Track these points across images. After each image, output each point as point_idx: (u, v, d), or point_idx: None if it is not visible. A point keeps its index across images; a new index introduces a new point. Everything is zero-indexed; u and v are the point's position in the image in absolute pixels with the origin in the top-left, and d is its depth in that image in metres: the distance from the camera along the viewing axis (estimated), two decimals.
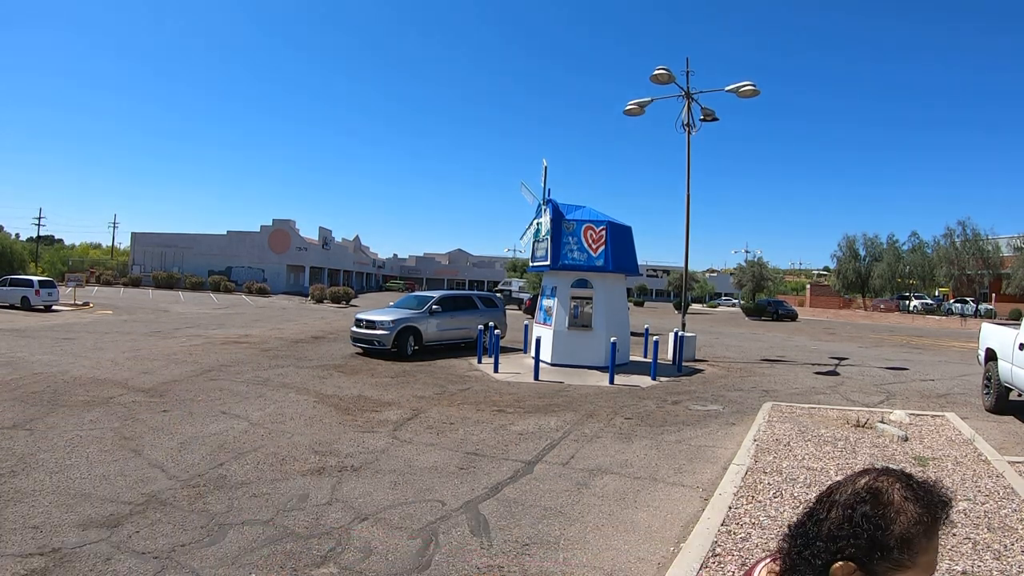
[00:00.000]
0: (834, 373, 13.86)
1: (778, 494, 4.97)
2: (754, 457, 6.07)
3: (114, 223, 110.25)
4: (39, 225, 70.37)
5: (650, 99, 15.54)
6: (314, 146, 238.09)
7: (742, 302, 56.99)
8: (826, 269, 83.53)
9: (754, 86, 14.46)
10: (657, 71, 14.06)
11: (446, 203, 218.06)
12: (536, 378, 11.40)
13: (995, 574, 3.60)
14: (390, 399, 9.08)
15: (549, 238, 13.24)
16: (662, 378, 12.09)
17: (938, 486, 1.00)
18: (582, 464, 6.07)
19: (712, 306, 69.42)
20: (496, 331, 13.57)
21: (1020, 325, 8.49)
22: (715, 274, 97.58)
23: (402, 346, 13.78)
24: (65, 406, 7.73)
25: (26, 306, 24.29)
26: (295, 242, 56.80)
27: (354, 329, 14.33)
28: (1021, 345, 7.99)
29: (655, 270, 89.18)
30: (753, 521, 4.37)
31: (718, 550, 3.89)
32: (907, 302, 49.80)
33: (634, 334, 17.03)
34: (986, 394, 9.58)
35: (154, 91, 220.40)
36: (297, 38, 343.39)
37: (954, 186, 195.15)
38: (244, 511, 4.53)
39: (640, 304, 61.47)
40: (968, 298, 44.44)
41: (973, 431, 7.54)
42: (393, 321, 13.82)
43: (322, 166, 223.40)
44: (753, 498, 4.87)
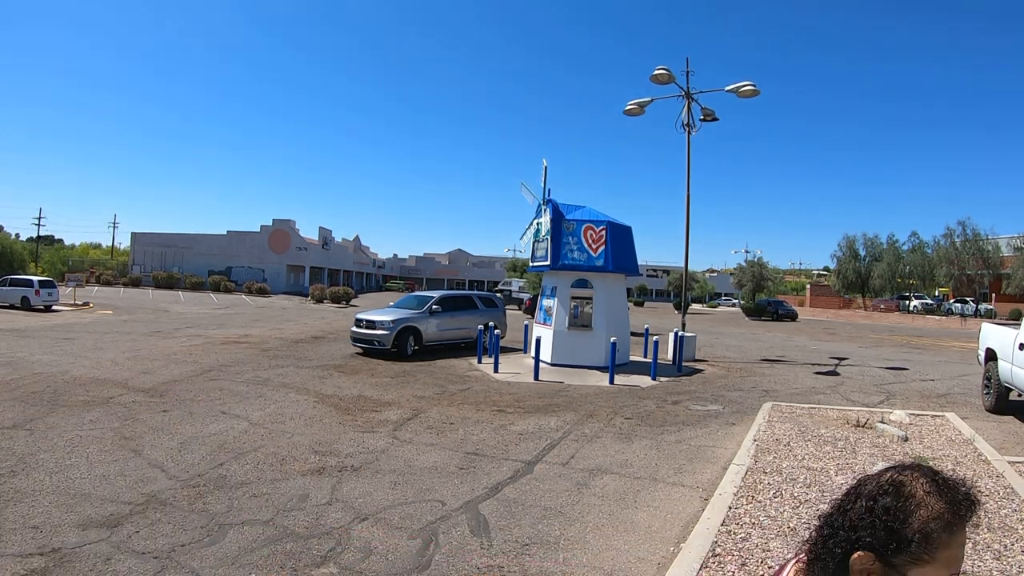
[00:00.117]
0: (834, 373, 13.87)
1: (778, 494, 4.97)
2: (754, 457, 6.07)
3: (114, 223, 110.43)
4: (39, 225, 70.49)
5: (650, 99, 15.55)
6: (314, 146, 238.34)
7: (742, 302, 56.99)
8: (826, 269, 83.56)
9: (754, 86, 14.47)
10: (657, 71, 14.06)
11: (446, 203, 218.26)
12: (536, 378, 11.40)
13: (995, 574, 3.60)
14: (390, 399, 9.08)
15: (549, 238, 13.24)
16: (662, 378, 12.09)
17: (967, 485, 1.00)
18: (582, 464, 6.07)
19: (712, 306, 69.43)
20: (496, 331, 13.57)
21: (1020, 325, 8.49)
22: (715, 274, 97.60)
23: (402, 346, 13.78)
24: (65, 406, 7.73)
25: (26, 306, 24.30)
26: (295, 242, 56.82)
27: (354, 329, 14.33)
28: (1021, 345, 7.99)
29: (655, 270, 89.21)
30: (753, 521, 4.37)
31: (718, 550, 3.89)
32: (907, 302, 49.79)
33: (634, 334, 17.03)
34: (986, 394, 9.58)
35: (154, 91, 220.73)
36: (297, 38, 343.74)
37: (954, 186, 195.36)
38: (244, 511, 4.54)
39: (640, 304, 61.48)
40: (968, 298, 44.44)
41: (973, 431, 7.54)
42: (393, 321, 13.83)
43: (322, 166, 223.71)
44: (753, 498, 4.87)
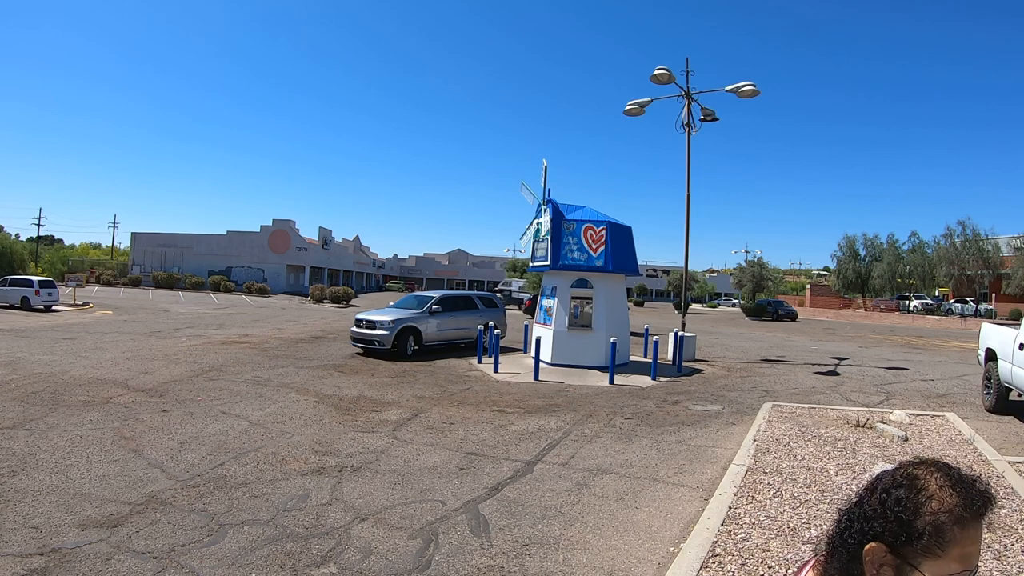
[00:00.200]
0: (834, 373, 13.86)
1: (778, 494, 4.97)
2: (754, 457, 6.07)
3: (114, 223, 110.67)
4: (39, 225, 70.59)
5: (650, 99, 15.54)
6: (314, 146, 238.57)
7: (742, 302, 57.00)
8: (826, 269, 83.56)
9: (754, 86, 14.46)
10: (657, 71, 14.06)
11: (446, 203, 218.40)
12: (536, 378, 11.40)
13: (995, 574, 3.60)
14: (390, 399, 9.08)
15: (549, 238, 13.24)
16: (662, 378, 12.09)
17: (983, 482, 1.00)
18: (582, 464, 6.06)
19: (712, 306, 69.45)
20: (496, 331, 13.57)
21: (1020, 325, 8.49)
22: (715, 274, 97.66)
23: (402, 346, 13.78)
24: (65, 406, 7.73)
25: (26, 306, 24.30)
26: (295, 242, 56.82)
27: (354, 329, 14.33)
28: (1021, 345, 7.98)
29: (655, 270, 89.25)
30: (753, 521, 4.37)
31: (718, 550, 3.89)
32: (907, 302, 49.74)
33: (634, 334, 17.03)
34: (986, 394, 9.58)
35: (154, 90, 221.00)
36: (298, 38, 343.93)
37: (954, 186, 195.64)
38: (244, 511, 4.53)
39: (640, 304, 61.47)
40: (968, 298, 44.39)
41: (973, 431, 7.54)
42: (393, 321, 13.82)
43: (322, 166, 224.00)
44: (753, 498, 4.87)
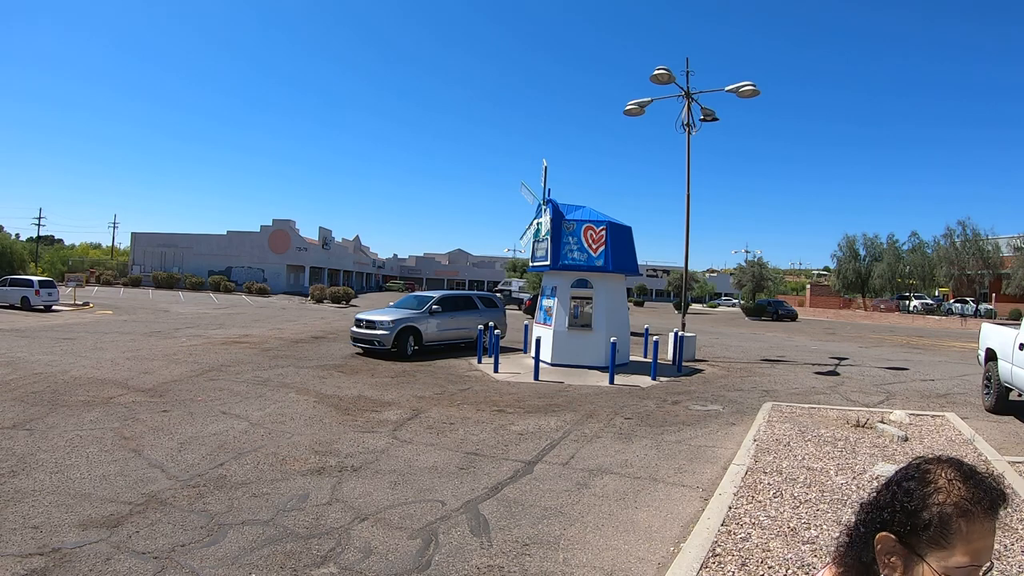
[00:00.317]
0: (834, 373, 13.86)
1: (778, 494, 4.97)
2: (754, 457, 6.07)
3: (114, 223, 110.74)
4: (39, 225, 70.60)
5: (650, 99, 15.54)
6: (314, 145, 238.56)
7: (742, 302, 57.00)
8: (826, 269, 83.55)
9: (754, 86, 14.46)
10: (657, 71, 14.05)
11: (446, 203, 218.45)
12: (536, 378, 11.40)
13: (995, 574, 3.60)
14: (390, 399, 9.08)
15: (549, 238, 13.24)
16: (662, 378, 12.09)
17: (997, 479, 1.01)
18: (582, 464, 6.06)
19: (712, 306, 69.45)
20: (496, 331, 13.58)
21: (1020, 325, 8.49)
22: (715, 274, 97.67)
23: (402, 346, 13.78)
24: (65, 406, 7.73)
25: (26, 306, 24.30)
26: (295, 242, 56.83)
27: (354, 329, 14.33)
28: (1021, 345, 7.98)
29: (655, 270, 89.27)
30: (753, 521, 4.37)
31: (718, 550, 3.89)
32: (907, 302, 49.73)
33: (634, 334, 17.03)
34: (986, 394, 9.58)
35: (154, 90, 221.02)
36: (299, 37, 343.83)
37: (954, 186, 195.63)
38: (244, 511, 4.53)
39: (640, 304, 61.48)
40: (968, 298, 44.38)
41: (973, 431, 7.54)
42: (393, 321, 13.82)
43: (322, 166, 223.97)
44: (753, 498, 4.87)
